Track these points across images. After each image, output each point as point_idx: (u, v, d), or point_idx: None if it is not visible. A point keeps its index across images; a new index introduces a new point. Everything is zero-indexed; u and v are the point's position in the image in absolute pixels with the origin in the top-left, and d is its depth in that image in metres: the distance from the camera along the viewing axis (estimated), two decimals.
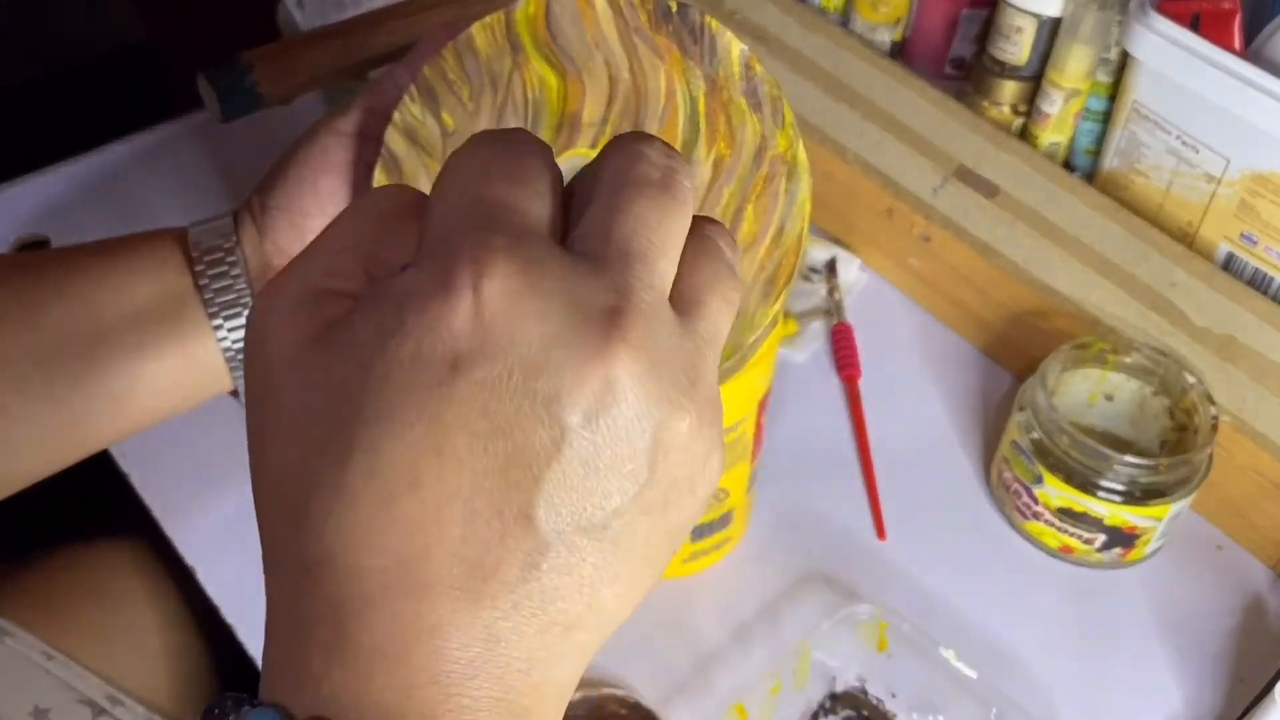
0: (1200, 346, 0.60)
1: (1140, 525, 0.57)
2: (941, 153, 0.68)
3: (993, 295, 0.68)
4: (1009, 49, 0.66)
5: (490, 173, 0.25)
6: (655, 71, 0.41)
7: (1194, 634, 0.58)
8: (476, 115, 0.41)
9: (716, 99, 0.41)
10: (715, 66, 0.41)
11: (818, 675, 0.55)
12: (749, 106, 0.40)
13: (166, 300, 0.44)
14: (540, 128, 0.41)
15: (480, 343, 0.23)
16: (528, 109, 0.41)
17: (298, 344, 0.24)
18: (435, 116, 0.41)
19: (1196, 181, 0.61)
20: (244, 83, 0.65)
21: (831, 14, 0.75)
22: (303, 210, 0.45)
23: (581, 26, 0.41)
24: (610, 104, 0.41)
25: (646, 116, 0.41)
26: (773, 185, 0.40)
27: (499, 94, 0.41)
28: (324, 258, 0.25)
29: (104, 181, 0.78)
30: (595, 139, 0.41)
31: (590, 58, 0.41)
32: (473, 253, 0.23)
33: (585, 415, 0.23)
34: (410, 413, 0.23)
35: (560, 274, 0.23)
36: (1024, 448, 0.58)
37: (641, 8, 0.41)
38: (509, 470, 0.23)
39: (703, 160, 0.40)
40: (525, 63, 0.41)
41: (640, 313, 0.23)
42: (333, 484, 0.23)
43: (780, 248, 0.39)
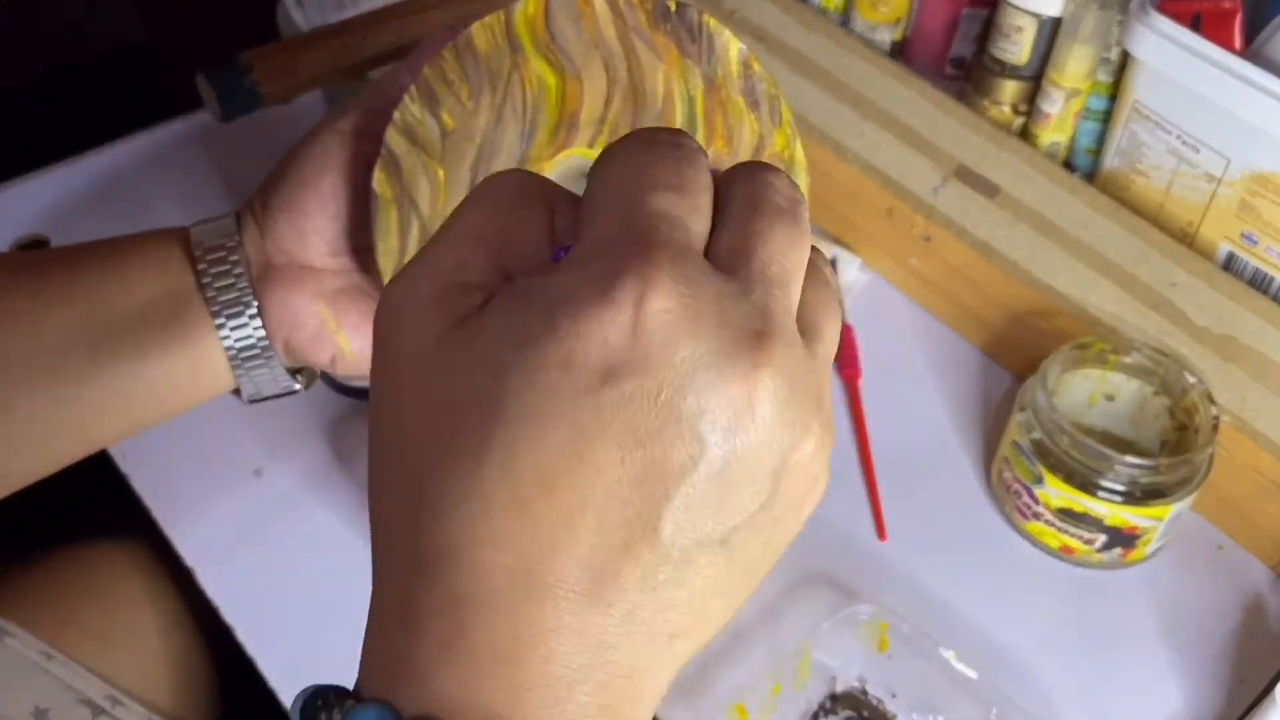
0: (1201, 346, 0.60)
1: (1141, 525, 0.57)
2: (942, 152, 0.68)
3: (993, 295, 0.68)
4: (1009, 49, 0.66)
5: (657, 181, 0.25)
6: (654, 71, 0.41)
7: (1194, 634, 0.58)
8: (475, 114, 0.41)
9: (714, 98, 0.41)
10: (713, 65, 0.41)
11: (818, 675, 0.55)
12: (746, 105, 0.41)
13: (169, 299, 0.45)
14: (539, 127, 0.41)
15: (635, 357, 0.23)
16: (526, 108, 0.41)
17: (432, 337, 0.24)
18: (435, 116, 0.42)
19: (1197, 181, 0.61)
20: (243, 82, 0.65)
21: (831, 14, 0.75)
22: (303, 210, 0.45)
23: (580, 26, 0.41)
24: (608, 103, 0.41)
25: (644, 116, 0.41)
26: None
27: (498, 93, 0.41)
28: (453, 250, 0.26)
29: (104, 181, 0.78)
30: (593, 138, 0.41)
31: (589, 57, 0.41)
32: (641, 268, 0.23)
33: (725, 434, 0.23)
34: (554, 416, 0.23)
35: (713, 296, 0.24)
36: (1024, 448, 0.58)
37: (640, 7, 0.41)
38: (643, 482, 0.23)
39: None
40: (524, 62, 0.41)
41: (780, 337, 0.24)
42: (465, 479, 0.23)
43: None
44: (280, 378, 0.46)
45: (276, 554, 0.58)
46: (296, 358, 0.46)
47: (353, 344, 0.46)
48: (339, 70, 0.68)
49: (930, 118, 0.69)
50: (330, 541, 0.59)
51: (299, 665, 0.54)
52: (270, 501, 0.60)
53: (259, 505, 0.60)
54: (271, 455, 0.62)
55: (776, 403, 0.24)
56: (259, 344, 0.45)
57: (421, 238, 0.42)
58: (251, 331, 0.45)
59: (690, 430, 0.23)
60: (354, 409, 0.65)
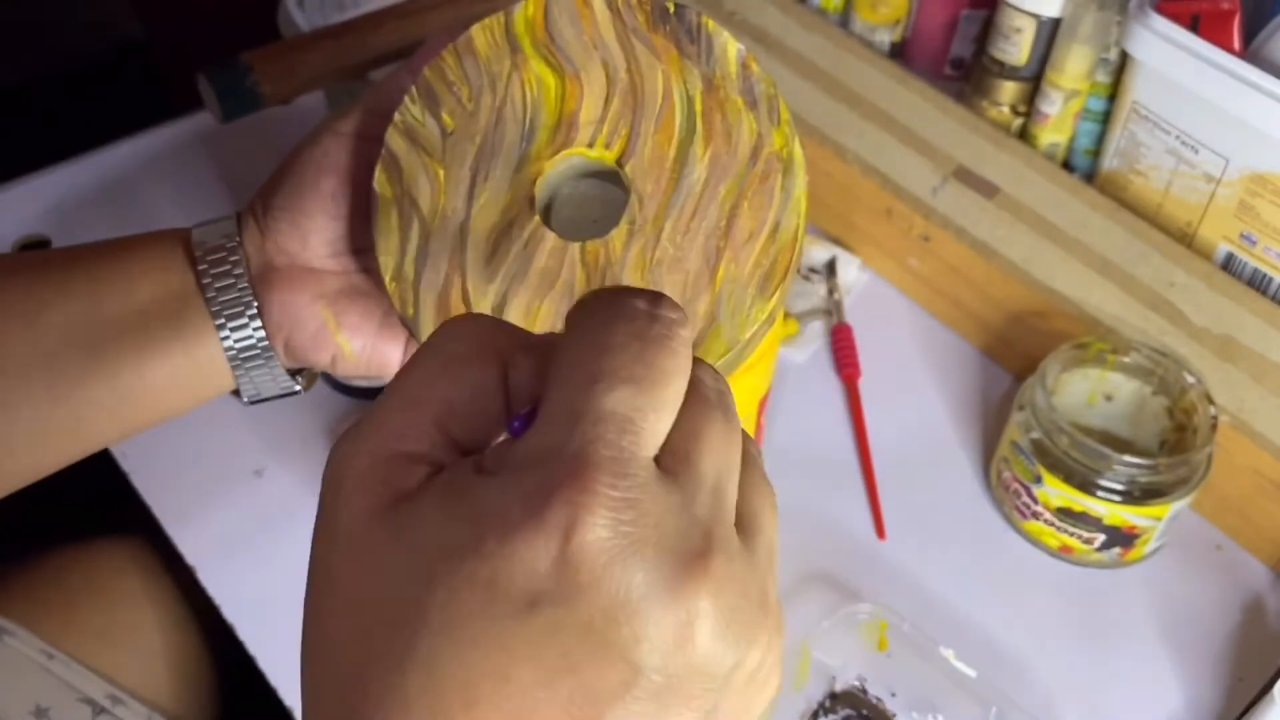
0: (1200, 346, 0.60)
1: (1140, 525, 0.57)
2: (941, 153, 0.68)
3: (992, 295, 0.68)
4: (1008, 49, 0.66)
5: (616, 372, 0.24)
6: (653, 71, 0.42)
7: (1193, 633, 0.58)
8: (475, 115, 0.42)
9: (713, 98, 0.41)
10: (712, 66, 0.42)
11: (817, 674, 0.55)
12: (745, 105, 0.41)
13: (169, 299, 0.44)
14: (539, 127, 0.42)
15: (563, 586, 0.22)
16: (526, 108, 0.42)
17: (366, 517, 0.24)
18: (435, 117, 0.42)
19: (1196, 182, 0.61)
20: (244, 83, 0.65)
21: (831, 15, 0.75)
22: (304, 210, 0.45)
23: (580, 27, 0.42)
24: (607, 103, 0.42)
25: (643, 115, 0.42)
26: (769, 182, 0.41)
27: (498, 94, 0.42)
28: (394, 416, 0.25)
29: (105, 181, 0.78)
30: (592, 138, 0.42)
31: (588, 58, 0.42)
32: (574, 494, 0.22)
33: (663, 659, 0.23)
34: (478, 635, 0.22)
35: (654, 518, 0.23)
36: (1023, 447, 0.58)
37: (639, 9, 0.42)
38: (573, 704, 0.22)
39: (699, 158, 0.41)
40: (524, 63, 0.42)
41: (721, 554, 0.23)
42: (386, 683, 0.23)
43: (776, 244, 0.40)
44: (280, 378, 0.46)
45: (277, 553, 0.58)
46: (297, 358, 0.46)
47: (353, 344, 0.46)
48: (339, 71, 0.68)
49: (929, 118, 0.69)
50: None
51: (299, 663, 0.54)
52: (271, 501, 0.61)
53: (260, 505, 0.60)
54: (272, 455, 0.62)
55: (717, 623, 0.23)
56: (259, 345, 0.45)
57: (421, 237, 0.42)
58: (251, 332, 0.45)
59: (624, 657, 0.22)
60: (354, 409, 0.65)
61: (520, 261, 0.41)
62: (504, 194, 0.42)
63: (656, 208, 0.41)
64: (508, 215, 0.41)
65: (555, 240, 0.41)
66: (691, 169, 0.41)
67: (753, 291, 0.40)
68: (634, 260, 0.41)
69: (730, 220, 0.41)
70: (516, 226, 0.41)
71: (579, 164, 0.43)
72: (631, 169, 0.41)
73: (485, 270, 0.41)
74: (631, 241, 0.41)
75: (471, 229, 0.41)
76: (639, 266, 0.41)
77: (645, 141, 0.42)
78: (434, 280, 0.41)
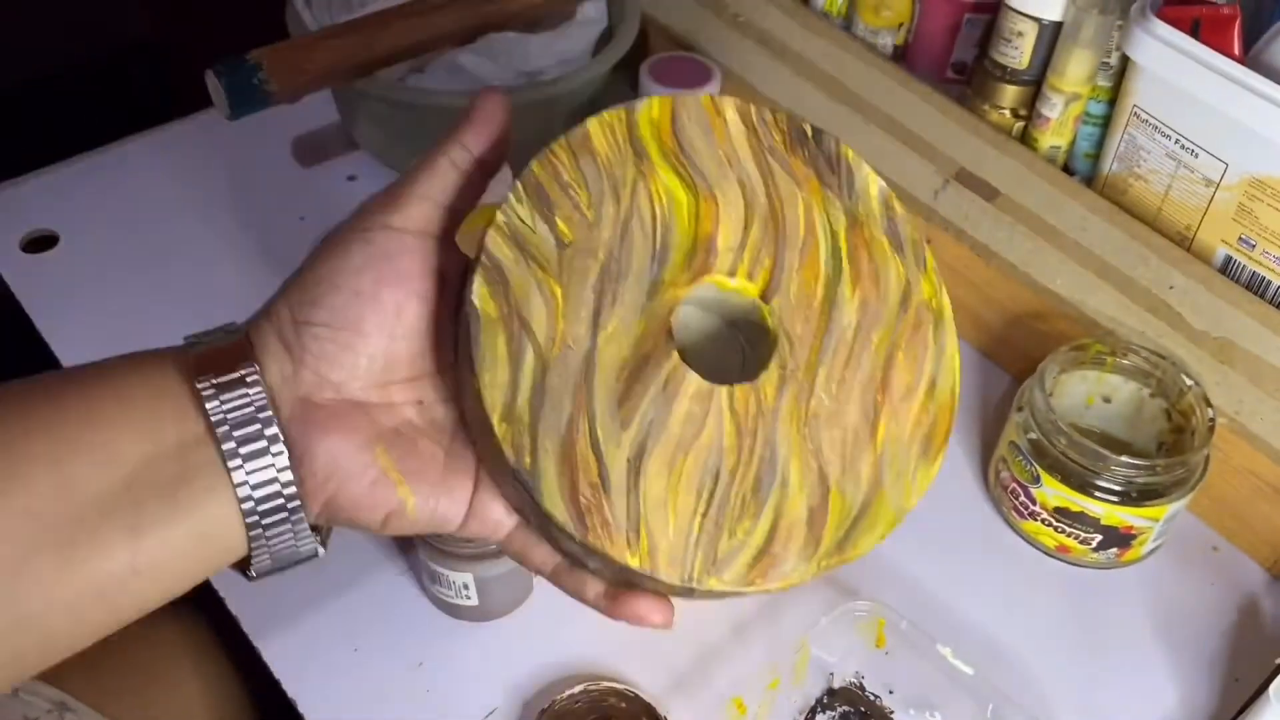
0: (1198, 349, 0.61)
1: (1137, 525, 0.58)
2: (942, 156, 0.69)
3: (992, 297, 0.68)
4: (1010, 53, 0.67)
5: None
6: (793, 198, 0.38)
7: (1189, 634, 0.59)
8: (597, 226, 0.37)
9: (858, 235, 0.38)
10: (854, 201, 0.39)
11: (816, 671, 0.55)
12: (891, 247, 0.39)
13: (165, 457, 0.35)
14: (671, 248, 0.37)
15: None
16: (656, 225, 0.37)
17: None
18: (548, 223, 0.36)
19: (1195, 185, 0.61)
20: (252, 80, 0.65)
21: (834, 18, 0.76)
22: (359, 330, 0.36)
23: (713, 139, 0.38)
24: (747, 229, 0.38)
25: (786, 246, 0.38)
26: (920, 333, 0.38)
27: (622, 204, 0.37)
28: None
29: (113, 178, 0.78)
30: (733, 265, 0.38)
31: (723, 174, 0.38)
32: None
33: None
34: None
35: None
36: (1022, 448, 0.59)
37: (775, 127, 0.39)
38: None
39: (848, 299, 0.38)
40: (651, 172, 0.37)
41: None
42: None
43: (935, 403, 0.38)
44: (303, 538, 0.37)
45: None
46: (340, 518, 0.37)
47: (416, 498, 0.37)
48: (347, 69, 0.69)
49: (931, 121, 0.69)
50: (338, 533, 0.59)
51: (307, 654, 0.55)
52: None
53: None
54: None
55: None
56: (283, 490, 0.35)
57: (537, 370, 0.35)
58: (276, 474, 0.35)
59: None
60: None
61: (659, 406, 0.36)
62: (635, 323, 0.36)
63: (809, 353, 0.37)
64: (641, 349, 0.36)
65: (699, 383, 0.36)
66: (842, 312, 0.38)
67: (915, 453, 0.37)
68: (787, 410, 0.37)
69: (887, 372, 0.37)
70: (652, 364, 0.36)
71: (715, 296, 0.38)
72: (778, 305, 0.37)
73: (618, 414, 0.35)
74: (784, 389, 0.37)
75: (599, 363, 0.36)
76: (793, 418, 0.37)
77: (790, 276, 0.38)
78: (555, 424, 0.35)
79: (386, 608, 0.57)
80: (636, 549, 0.34)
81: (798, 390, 0.37)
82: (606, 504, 0.34)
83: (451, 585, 0.55)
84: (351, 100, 0.76)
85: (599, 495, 0.34)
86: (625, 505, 0.35)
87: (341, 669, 0.54)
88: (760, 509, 0.36)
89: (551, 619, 0.57)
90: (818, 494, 0.36)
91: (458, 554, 0.53)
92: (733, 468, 0.36)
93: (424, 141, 0.77)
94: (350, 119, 0.78)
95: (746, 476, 0.36)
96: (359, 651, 0.55)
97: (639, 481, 0.35)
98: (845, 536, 0.36)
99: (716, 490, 0.35)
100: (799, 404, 0.37)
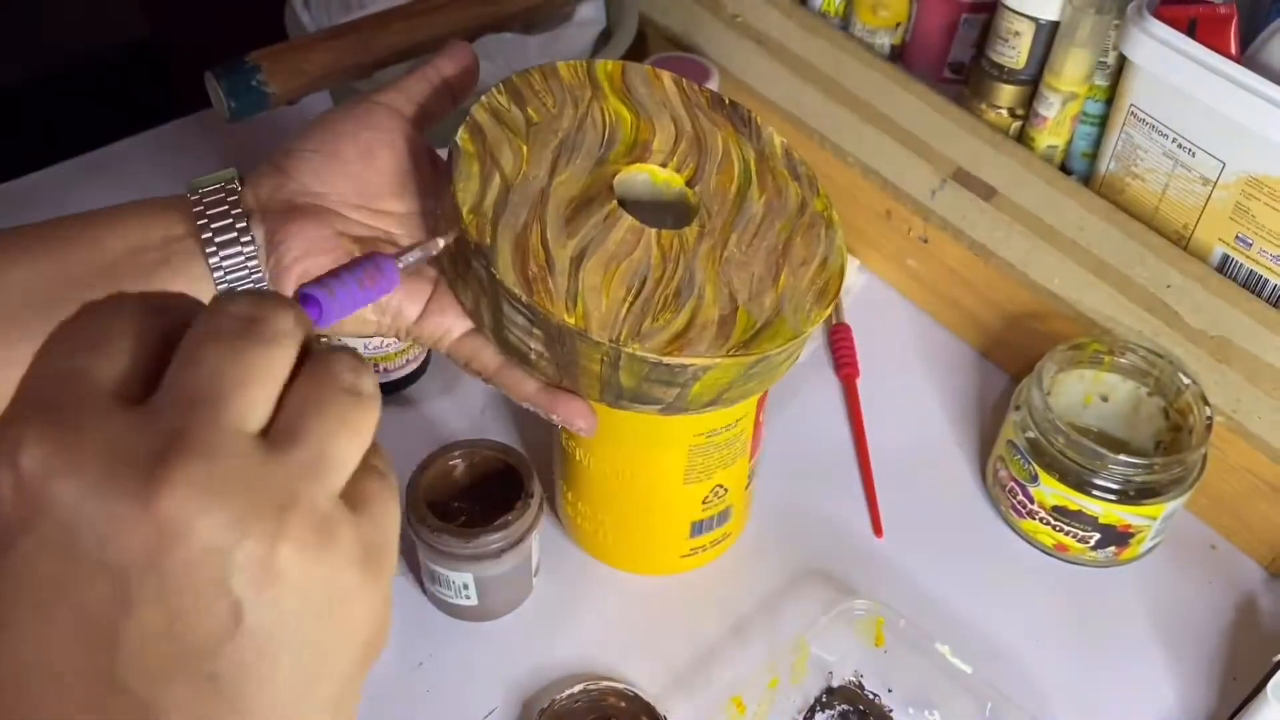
0: (1195, 348, 0.61)
1: (1134, 524, 0.58)
2: (940, 155, 0.69)
3: (990, 296, 0.69)
4: (1007, 52, 0.67)
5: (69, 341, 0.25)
6: (714, 134, 0.49)
7: (1187, 632, 0.59)
8: (559, 118, 0.47)
9: (764, 164, 0.49)
10: (761, 145, 0.50)
11: (815, 669, 0.55)
12: (789, 176, 0.49)
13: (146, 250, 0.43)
14: (616, 141, 0.47)
15: (24, 511, 0.23)
16: (605, 127, 0.48)
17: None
18: (520, 109, 0.47)
19: (1192, 184, 0.61)
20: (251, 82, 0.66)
21: (832, 18, 0.76)
22: (337, 154, 0.45)
23: (651, 88, 0.50)
24: (676, 143, 0.48)
25: (708, 158, 0.48)
26: (815, 230, 0.48)
27: (579, 110, 0.48)
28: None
29: (113, 177, 0.78)
30: (664, 162, 0.48)
31: (659, 110, 0.49)
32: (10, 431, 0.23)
33: (145, 558, 0.22)
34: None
35: (102, 430, 0.23)
36: (1020, 447, 0.59)
37: (701, 94, 0.50)
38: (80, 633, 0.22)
39: (756, 199, 0.48)
40: (603, 97, 0.49)
41: (196, 450, 0.23)
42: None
43: (826, 271, 0.47)
44: None
45: None
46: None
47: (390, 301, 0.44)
48: (346, 71, 0.69)
49: (929, 121, 0.69)
50: None
51: None
52: None
53: None
54: None
55: (194, 514, 0.22)
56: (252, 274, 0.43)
57: (501, 188, 0.44)
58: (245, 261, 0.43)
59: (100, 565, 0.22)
60: None
61: (599, 230, 0.44)
62: (584, 177, 0.46)
63: (723, 222, 0.47)
64: (587, 193, 0.45)
65: (633, 222, 0.45)
66: (750, 204, 0.48)
67: (811, 299, 0.46)
68: (705, 252, 0.45)
69: (786, 246, 0.47)
70: (596, 204, 0.45)
71: (649, 181, 0.48)
72: (699, 191, 0.47)
73: (564, 228, 0.44)
74: (702, 239, 0.46)
75: (552, 194, 0.45)
76: (709, 259, 0.45)
77: (710, 176, 0.48)
78: (513, 222, 0.43)
79: None
80: (573, 312, 0.42)
81: (713, 244, 0.46)
82: (550, 280, 0.42)
83: (451, 585, 0.55)
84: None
85: (544, 273, 0.42)
86: (565, 284, 0.43)
87: None
88: (680, 309, 0.43)
89: (551, 619, 0.57)
90: (728, 308, 0.44)
91: (458, 554, 0.53)
92: (658, 278, 0.44)
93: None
94: None
95: (669, 285, 0.44)
96: None
97: (578, 272, 0.43)
98: (751, 339, 0.44)
99: (643, 290, 0.43)
100: (715, 251, 0.46)
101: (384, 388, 0.65)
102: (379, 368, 0.64)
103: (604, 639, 0.56)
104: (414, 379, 0.67)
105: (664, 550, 0.58)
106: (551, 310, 0.42)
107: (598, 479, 0.54)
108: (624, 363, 0.42)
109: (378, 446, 0.27)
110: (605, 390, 0.44)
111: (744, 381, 0.45)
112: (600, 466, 0.53)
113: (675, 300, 0.44)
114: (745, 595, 0.59)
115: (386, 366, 0.64)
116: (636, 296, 0.43)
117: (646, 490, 0.54)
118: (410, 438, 0.63)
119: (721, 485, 0.55)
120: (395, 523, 0.26)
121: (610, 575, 0.59)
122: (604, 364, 0.43)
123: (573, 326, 0.41)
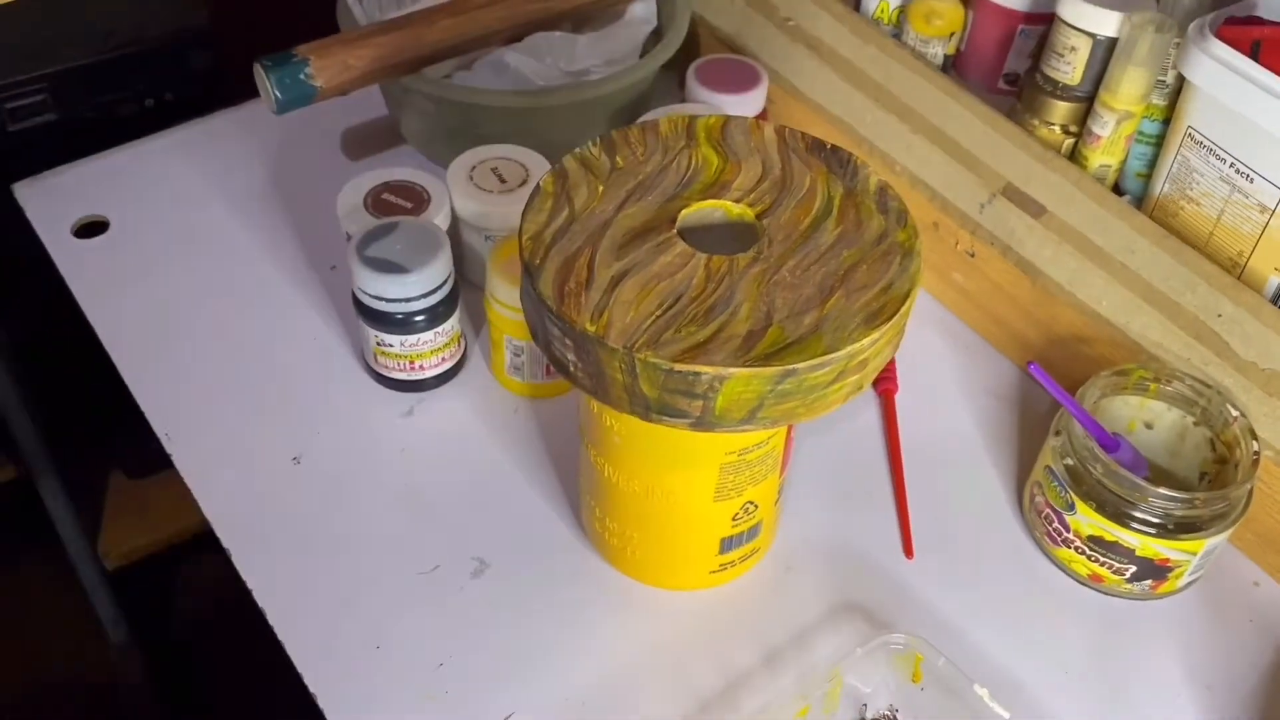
0: (1245, 380, 0.59)
1: (1173, 559, 0.56)
2: (990, 169, 0.68)
3: (1035, 315, 0.67)
4: (1062, 68, 0.66)
5: None
6: (803, 174, 0.50)
7: (1225, 672, 0.57)
8: (644, 164, 0.50)
9: (850, 201, 0.49)
10: (854, 184, 0.50)
11: (848, 701, 0.54)
12: (877, 209, 0.49)
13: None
14: (695, 182, 0.49)
15: None
16: (688, 170, 0.50)
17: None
18: (608, 156, 0.50)
19: (1249, 211, 0.60)
20: (299, 75, 0.66)
21: (885, 25, 0.75)
22: None
23: (749, 137, 0.52)
24: (759, 182, 0.50)
25: (788, 194, 0.49)
26: (888, 258, 0.47)
27: (667, 157, 0.50)
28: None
29: (162, 166, 0.79)
30: (739, 199, 0.49)
31: (750, 155, 0.51)
32: None
33: None
34: None
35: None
36: (1057, 473, 0.58)
37: (801, 140, 0.52)
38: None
39: (830, 230, 0.48)
40: (695, 147, 0.51)
41: None
42: None
43: (887, 296, 0.45)
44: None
45: (312, 539, 0.59)
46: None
47: None
48: (394, 66, 0.69)
49: (979, 134, 0.68)
50: (366, 529, 0.60)
51: (329, 649, 0.55)
52: (307, 488, 0.62)
53: (296, 491, 0.61)
54: (310, 443, 0.64)
55: None
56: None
57: (566, 221, 0.47)
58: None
59: None
60: (391, 399, 0.66)
61: (648, 254, 0.46)
62: (650, 212, 0.48)
63: (783, 251, 0.47)
64: (649, 224, 0.47)
65: (684, 248, 0.46)
66: (821, 235, 0.48)
67: (859, 320, 0.44)
68: (754, 276, 0.46)
69: (849, 272, 0.46)
70: (654, 232, 0.47)
71: (721, 215, 0.49)
72: (768, 224, 0.48)
73: (616, 253, 0.46)
74: (755, 264, 0.46)
75: (614, 224, 0.47)
76: (757, 281, 0.45)
77: (785, 211, 0.48)
78: (566, 249, 0.46)
79: (409, 608, 0.57)
80: (596, 323, 0.43)
81: (766, 268, 0.46)
82: (584, 295, 0.44)
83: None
84: (398, 96, 0.76)
85: (581, 289, 0.44)
86: (598, 298, 0.44)
87: (363, 666, 0.55)
88: (708, 323, 0.44)
89: (579, 634, 0.57)
90: (760, 324, 0.44)
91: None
92: (694, 296, 0.45)
93: (470, 138, 0.77)
94: (397, 114, 0.78)
95: (704, 302, 0.44)
96: (381, 650, 0.55)
97: (615, 289, 0.44)
98: (774, 353, 0.43)
99: (676, 306, 0.44)
100: (765, 274, 0.46)
101: (418, 385, 0.66)
102: (414, 365, 0.64)
103: (631, 657, 0.56)
104: (449, 377, 0.67)
105: (693, 566, 0.57)
106: (576, 320, 0.43)
107: (627, 496, 0.54)
108: (640, 370, 0.43)
109: None
110: (634, 401, 0.44)
111: (777, 400, 0.44)
112: (630, 484, 0.53)
113: (706, 315, 0.44)
114: (775, 620, 0.58)
115: (421, 364, 0.64)
116: (667, 311, 0.44)
117: (676, 508, 0.54)
118: (442, 435, 0.63)
119: (752, 502, 0.55)
120: None
121: (638, 591, 0.59)
122: (623, 371, 0.43)
123: (591, 334, 0.43)
